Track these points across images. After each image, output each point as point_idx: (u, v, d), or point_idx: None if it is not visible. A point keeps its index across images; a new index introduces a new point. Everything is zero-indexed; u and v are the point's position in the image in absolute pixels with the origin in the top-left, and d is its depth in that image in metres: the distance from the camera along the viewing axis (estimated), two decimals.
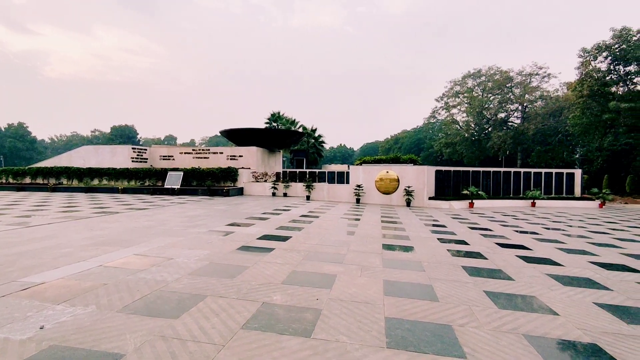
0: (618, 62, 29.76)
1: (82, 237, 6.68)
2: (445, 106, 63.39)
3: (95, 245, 5.98)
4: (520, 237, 8.32)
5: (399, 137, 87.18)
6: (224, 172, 20.08)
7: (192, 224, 8.52)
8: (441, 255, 6.06)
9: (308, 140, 40.05)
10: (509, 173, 20.52)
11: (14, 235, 6.72)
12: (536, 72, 49.92)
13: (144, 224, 8.39)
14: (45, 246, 5.80)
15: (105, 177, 21.31)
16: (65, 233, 7.07)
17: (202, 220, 9.32)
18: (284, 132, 28.48)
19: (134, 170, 20.92)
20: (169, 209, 11.84)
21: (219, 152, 23.81)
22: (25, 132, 73.67)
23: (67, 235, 6.79)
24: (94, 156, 22.75)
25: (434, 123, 71.55)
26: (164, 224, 8.46)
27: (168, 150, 24.58)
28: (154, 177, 20.61)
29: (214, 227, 8.11)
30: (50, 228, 7.67)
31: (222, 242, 6.43)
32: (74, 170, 21.38)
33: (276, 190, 19.15)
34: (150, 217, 9.83)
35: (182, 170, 20.24)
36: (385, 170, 16.85)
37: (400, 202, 16.47)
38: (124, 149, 22.84)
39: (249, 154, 23.05)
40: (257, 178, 20.54)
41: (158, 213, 10.72)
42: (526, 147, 48.95)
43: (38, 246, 5.80)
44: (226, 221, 9.19)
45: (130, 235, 6.90)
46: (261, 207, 13.25)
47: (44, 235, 6.81)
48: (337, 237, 7.47)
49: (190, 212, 11.22)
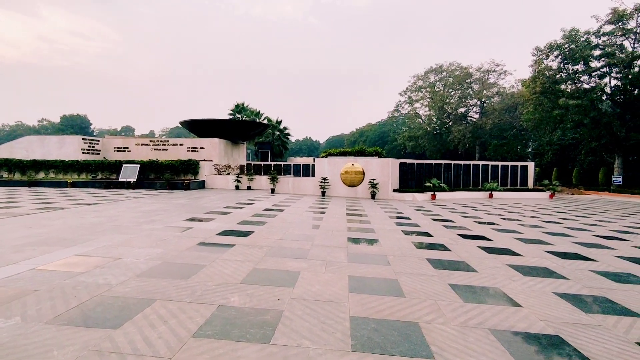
0: (567, 61, 31.62)
1: (17, 236, 5.98)
2: (409, 100, 64.75)
3: (31, 245, 5.35)
4: (480, 228, 8.52)
5: (364, 130, 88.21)
6: (185, 164, 19.20)
7: (146, 220, 7.95)
8: (406, 248, 6.01)
9: (273, 132, 39.36)
10: (469, 166, 21.23)
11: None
12: (493, 69, 52.14)
13: (92, 221, 7.71)
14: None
15: (53, 170, 19.68)
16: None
17: (158, 215, 8.75)
18: (248, 123, 27.72)
19: (84, 162, 19.46)
20: (123, 204, 11.06)
21: (179, 143, 22.72)
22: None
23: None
24: (39, 147, 20.87)
25: (397, 117, 72.99)
26: (115, 220, 7.83)
27: (123, 142, 23.10)
28: (107, 170, 19.31)
29: (171, 223, 7.61)
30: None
31: (178, 239, 6.00)
32: (16, 163, 19.53)
33: (240, 184, 18.59)
34: (100, 212, 9.09)
35: (139, 162, 19.11)
36: (351, 163, 16.82)
37: (365, 195, 16.52)
38: (73, 140, 21.15)
39: (211, 146, 22.17)
40: (219, 171, 19.83)
41: (109, 208, 9.96)
42: (484, 141, 51.17)
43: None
44: (184, 216, 8.68)
45: (74, 234, 6.28)
46: (223, 200, 12.75)
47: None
48: (302, 231, 7.25)
49: (145, 206, 10.54)
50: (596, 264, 5.36)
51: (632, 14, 27.66)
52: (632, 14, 27.65)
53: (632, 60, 27.22)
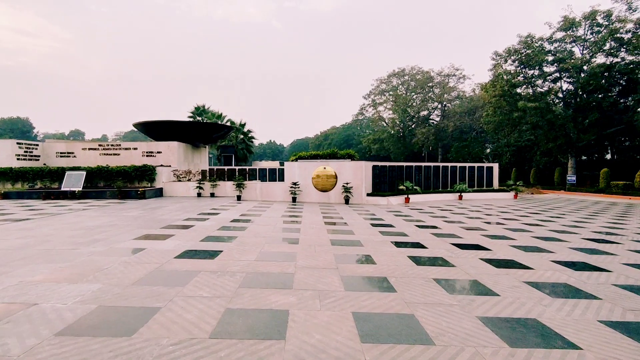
0: (524, 66, 32.89)
1: None
2: (373, 103, 65.27)
3: None
4: (470, 235, 7.89)
5: (329, 133, 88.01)
6: (139, 170, 17.37)
7: (87, 240, 6.53)
8: (405, 265, 5.15)
9: (237, 135, 37.63)
10: (438, 167, 21.11)
11: None
12: (453, 73, 53.71)
13: (13, 244, 6.17)
14: None
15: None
16: None
17: (102, 232, 7.31)
18: (209, 126, 26.03)
19: (19, 170, 17.03)
20: (61, 219, 9.38)
21: (133, 147, 20.67)
22: None
23: None
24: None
25: (361, 120, 73.45)
26: (46, 241, 6.34)
27: (67, 146, 20.65)
28: (47, 178, 17.03)
29: (117, 243, 6.25)
30: None
31: (125, 267, 4.74)
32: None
33: (202, 190, 17.08)
34: (29, 231, 7.48)
35: (86, 169, 17.04)
36: (323, 167, 15.93)
37: (338, 200, 15.69)
38: (5, 144, 18.49)
39: (169, 150, 20.37)
40: (179, 177, 18.16)
41: (43, 225, 8.31)
42: (446, 143, 52.45)
43: None
44: (136, 233, 7.31)
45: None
46: (184, 210, 11.35)
47: None
48: (279, 247, 6.20)
49: (89, 221, 8.96)
50: (614, 276, 4.79)
51: (580, 22, 29.17)
52: (581, 22, 29.16)
53: (582, 65, 28.65)
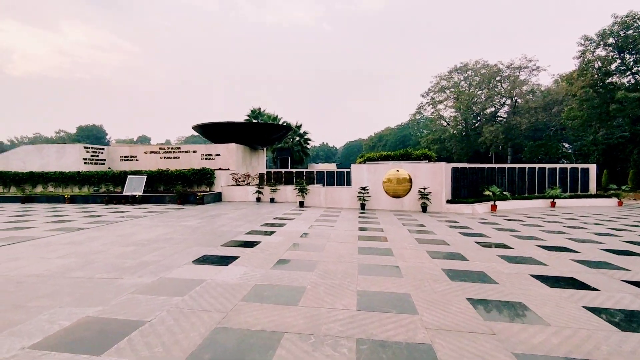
0: (621, 51, 28.02)
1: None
2: (431, 102, 61.51)
3: None
4: (622, 260, 5.49)
5: (383, 134, 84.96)
6: (198, 174, 16.66)
7: (135, 263, 5.25)
8: (590, 325, 3.09)
9: (293, 137, 36.73)
10: (524, 169, 18.17)
11: None
12: (525, 65, 48.55)
13: (53, 265, 5.06)
14: None
15: (51, 184, 17.45)
16: None
17: (155, 251, 6.04)
18: (268, 126, 25.14)
19: (86, 174, 17.15)
20: (115, 229, 8.45)
21: (192, 150, 20.25)
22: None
23: None
24: (37, 158, 18.72)
25: (419, 119, 69.62)
26: (89, 264, 5.16)
27: (130, 150, 20.79)
28: (111, 181, 16.95)
29: (170, 270, 4.87)
30: None
31: (175, 320, 3.24)
32: (11, 176, 17.36)
33: (261, 195, 15.90)
34: (77, 246, 6.47)
35: (146, 173, 16.68)
36: (395, 169, 13.93)
37: (413, 207, 13.59)
38: (74, 149, 18.92)
39: (227, 153, 19.61)
40: (237, 180, 17.20)
41: (94, 237, 7.34)
42: (518, 142, 47.34)
43: None
44: (193, 252, 5.95)
45: (5, 300, 3.61)
46: (245, 220, 10.03)
47: None
48: (379, 282, 4.41)
49: (144, 232, 7.89)
50: None
51: None
52: None
53: None
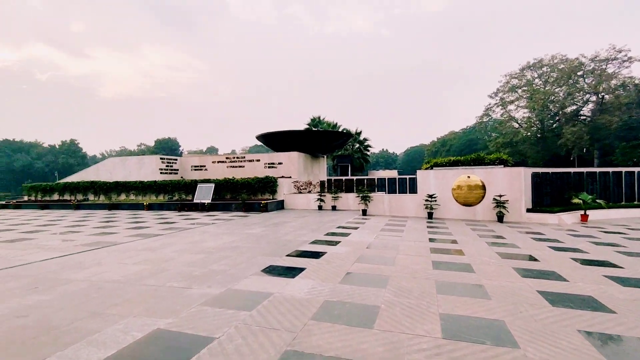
0: None
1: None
2: (501, 102, 57.29)
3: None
4: None
5: (447, 138, 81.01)
6: (261, 182, 17.01)
7: (203, 272, 5.23)
8: None
9: (353, 144, 36.37)
10: (620, 174, 15.80)
11: None
12: (614, 57, 42.93)
13: (129, 272, 5.22)
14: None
15: (133, 192, 19.07)
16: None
17: (223, 260, 6.02)
18: (328, 134, 25.11)
19: (161, 183, 18.45)
20: (186, 236, 8.75)
21: (256, 159, 20.88)
22: (77, 149, 76.81)
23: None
24: (121, 169, 20.70)
25: (487, 122, 65.15)
26: (161, 272, 5.25)
27: (200, 160, 22.06)
28: (183, 190, 18.01)
29: (237, 282, 4.73)
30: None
31: (244, 339, 3.00)
32: (100, 185, 19.35)
33: (323, 203, 15.71)
34: (152, 252, 6.72)
35: (214, 181, 17.45)
36: (466, 175, 12.85)
37: (487, 216, 12.39)
38: (151, 160, 20.58)
39: (289, 161, 19.87)
40: (299, 188, 17.25)
41: (167, 244, 7.62)
42: (607, 143, 41.91)
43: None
44: (259, 263, 5.81)
45: (77, 310, 3.71)
46: (308, 228, 9.84)
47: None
48: (464, 304, 3.80)
49: (211, 240, 8.03)
50: None
51: None
52: None
53: None
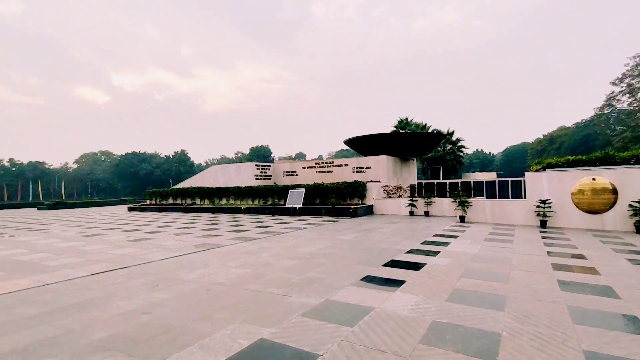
0: None
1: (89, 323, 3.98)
2: (628, 90, 48.49)
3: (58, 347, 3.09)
4: None
5: (555, 135, 71.25)
6: (350, 187, 16.94)
7: (301, 279, 5.22)
8: None
9: (444, 145, 34.26)
10: None
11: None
12: None
13: (232, 275, 5.48)
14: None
15: (232, 196, 20.73)
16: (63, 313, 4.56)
17: (318, 267, 5.97)
18: (417, 135, 24.04)
19: (257, 188, 19.70)
20: (281, 240, 9.02)
21: (344, 164, 20.96)
22: (186, 158, 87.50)
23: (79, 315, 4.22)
24: (222, 175, 22.74)
25: (608, 113, 55.51)
26: (261, 276, 5.40)
27: (291, 166, 23.03)
28: (276, 195, 18.92)
29: (334, 292, 4.59)
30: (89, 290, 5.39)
31: (350, 355, 2.79)
32: (205, 190, 21.50)
33: (415, 208, 14.94)
34: (251, 256, 7.02)
35: (305, 186, 17.95)
36: (590, 177, 10.92)
37: (620, 226, 10.32)
38: (247, 167, 22.18)
39: (377, 165, 19.47)
40: (389, 193, 16.73)
41: (265, 248, 7.92)
42: None
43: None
44: (354, 272, 5.61)
45: (197, 308, 3.94)
46: (401, 235, 9.36)
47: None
48: (621, 342, 3.01)
49: (305, 245, 8.12)
50: None
51: None
52: None
53: None
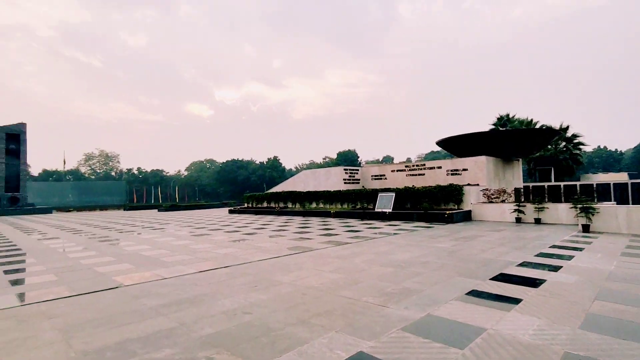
0: None
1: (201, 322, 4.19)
2: None
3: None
4: None
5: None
6: (444, 191, 15.84)
7: (397, 289, 4.90)
8: None
9: (556, 143, 29.98)
10: None
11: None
12: None
13: (326, 281, 5.42)
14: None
15: (321, 200, 21.15)
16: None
17: (415, 277, 5.57)
18: (523, 133, 21.46)
19: (345, 192, 19.76)
20: (372, 246, 8.77)
21: (437, 166, 19.77)
22: (278, 164, 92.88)
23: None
24: (312, 180, 23.40)
25: None
26: (354, 283, 5.23)
27: (379, 169, 22.59)
28: (364, 199, 18.71)
29: (436, 306, 4.17)
30: (211, 283, 5.79)
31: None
32: (296, 195, 22.36)
33: (522, 215, 13.25)
34: (344, 260, 6.92)
35: (394, 190, 17.38)
36: None
37: None
38: (336, 171, 22.43)
39: (476, 167, 17.88)
40: (490, 197, 15.17)
41: (357, 253, 7.76)
42: None
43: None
44: (457, 284, 5.08)
45: (294, 311, 3.95)
46: (508, 245, 8.31)
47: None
48: None
49: (399, 252, 7.73)
50: None
51: None
52: None
53: None
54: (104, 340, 3.34)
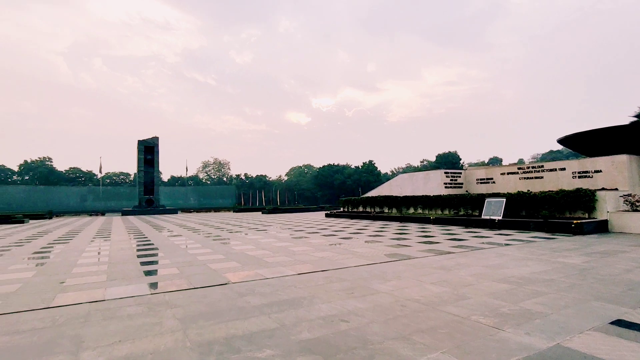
0: None
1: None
2: None
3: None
4: None
5: None
6: (570, 196, 13.53)
7: (513, 310, 4.24)
8: None
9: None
10: None
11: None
12: None
13: (428, 293, 5.00)
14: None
15: (419, 205, 20.13)
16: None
17: (536, 296, 4.77)
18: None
19: (446, 197, 18.42)
20: (481, 257, 7.90)
21: (559, 168, 17.05)
22: (373, 168, 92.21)
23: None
24: (409, 184, 22.45)
25: None
26: (461, 299, 4.71)
27: (486, 172, 20.51)
28: (468, 204, 17.16)
29: (569, 334, 3.45)
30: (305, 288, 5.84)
31: None
32: (392, 199, 21.71)
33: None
34: (447, 272, 6.35)
35: (505, 195, 15.55)
36: None
37: None
38: (436, 174, 21.10)
39: (613, 168, 14.87)
40: (634, 205, 12.41)
41: (462, 265, 7.07)
42: None
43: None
44: (595, 310, 4.16)
45: (393, 324, 3.70)
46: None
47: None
48: None
49: (513, 265, 6.78)
50: None
51: None
52: None
53: None
54: (213, 334, 3.58)
